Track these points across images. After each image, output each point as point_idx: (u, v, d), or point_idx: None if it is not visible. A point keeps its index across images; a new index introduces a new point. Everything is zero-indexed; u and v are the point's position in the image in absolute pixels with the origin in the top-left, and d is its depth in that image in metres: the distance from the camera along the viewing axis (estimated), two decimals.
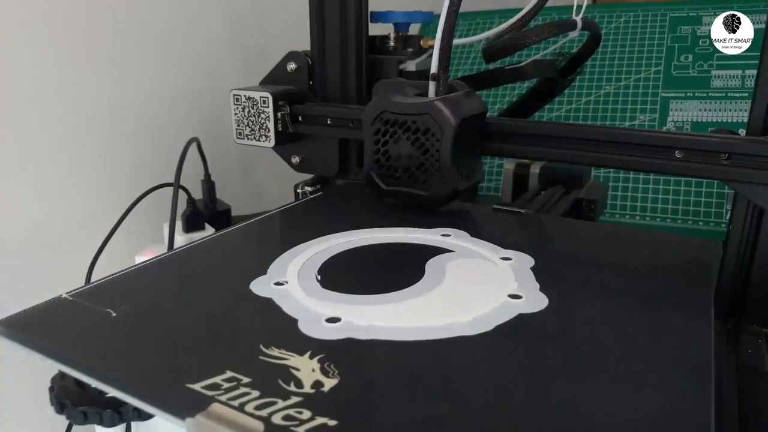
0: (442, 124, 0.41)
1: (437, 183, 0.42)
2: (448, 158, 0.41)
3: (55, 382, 0.34)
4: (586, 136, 0.43)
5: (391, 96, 0.44)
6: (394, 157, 0.44)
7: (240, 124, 0.55)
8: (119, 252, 0.53)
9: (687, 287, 0.33)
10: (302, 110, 0.54)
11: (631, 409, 0.22)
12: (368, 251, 0.37)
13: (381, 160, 0.44)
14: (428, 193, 0.43)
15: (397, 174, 0.44)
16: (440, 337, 0.27)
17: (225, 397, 0.22)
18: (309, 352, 0.25)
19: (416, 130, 0.42)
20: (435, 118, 0.41)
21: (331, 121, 0.52)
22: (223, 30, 0.74)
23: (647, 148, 0.41)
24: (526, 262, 0.35)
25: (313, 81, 0.55)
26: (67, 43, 0.58)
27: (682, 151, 0.39)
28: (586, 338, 0.27)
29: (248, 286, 0.31)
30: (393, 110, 0.43)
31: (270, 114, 0.53)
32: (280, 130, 0.54)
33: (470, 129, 0.44)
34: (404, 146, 0.43)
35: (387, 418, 0.22)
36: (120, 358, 0.25)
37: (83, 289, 0.31)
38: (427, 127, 0.42)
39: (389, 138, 0.44)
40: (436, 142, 0.42)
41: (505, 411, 0.22)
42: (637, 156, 0.41)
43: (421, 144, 0.42)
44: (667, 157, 0.40)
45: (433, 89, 0.43)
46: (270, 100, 0.52)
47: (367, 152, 0.45)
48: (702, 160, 0.39)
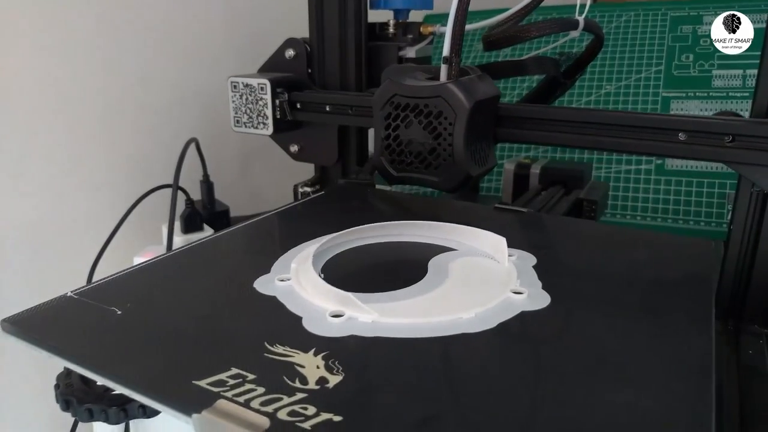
0: (455, 107, 0.40)
1: (450, 168, 0.41)
2: (462, 142, 0.40)
3: (60, 380, 0.34)
4: (589, 120, 0.42)
5: (401, 80, 0.43)
6: (405, 142, 0.42)
7: (238, 111, 0.55)
8: (118, 253, 0.53)
9: (687, 287, 0.33)
10: (300, 97, 0.53)
11: (631, 409, 0.23)
12: (371, 249, 0.37)
13: (391, 145, 0.43)
14: (440, 178, 0.42)
15: (408, 159, 0.43)
16: (443, 335, 0.27)
17: (231, 393, 0.22)
18: (313, 349, 0.25)
19: (429, 113, 0.41)
20: (448, 101, 0.40)
21: (330, 108, 0.52)
22: (222, 29, 0.74)
23: (651, 130, 0.40)
24: (528, 260, 0.35)
25: (311, 68, 0.55)
26: (67, 43, 0.58)
27: (686, 133, 0.39)
28: (588, 337, 0.28)
29: (252, 284, 0.32)
30: (404, 93, 0.42)
31: (268, 101, 0.53)
32: (279, 118, 0.53)
33: (484, 113, 0.42)
34: (416, 131, 0.42)
35: (391, 414, 0.22)
36: (126, 355, 0.25)
37: (88, 287, 0.31)
38: (440, 110, 0.41)
39: (400, 122, 0.42)
40: (449, 125, 0.40)
41: (507, 409, 0.23)
42: (640, 139, 0.40)
43: (433, 128, 0.41)
44: (670, 139, 0.40)
45: (445, 72, 0.42)
46: (268, 86, 0.52)
47: (377, 138, 0.44)
48: (706, 143, 0.39)
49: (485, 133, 0.44)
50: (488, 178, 0.81)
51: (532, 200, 0.54)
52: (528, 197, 0.56)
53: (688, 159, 0.44)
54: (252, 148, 0.79)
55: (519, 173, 0.60)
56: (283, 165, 0.58)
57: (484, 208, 0.46)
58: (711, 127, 0.38)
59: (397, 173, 0.44)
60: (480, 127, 0.42)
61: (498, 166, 0.79)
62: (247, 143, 0.78)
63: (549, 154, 0.78)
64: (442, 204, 0.49)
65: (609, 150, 0.46)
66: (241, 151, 0.79)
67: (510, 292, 0.30)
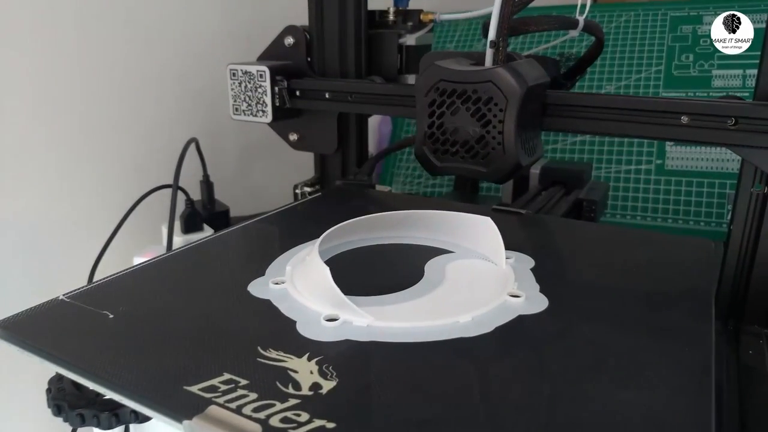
0: (506, 93, 0.38)
1: (499, 158, 0.39)
2: (512, 130, 0.38)
3: (52, 384, 0.34)
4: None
5: (447, 65, 0.41)
6: (450, 131, 0.41)
7: (237, 99, 0.54)
8: (118, 253, 0.53)
9: (687, 288, 0.33)
10: (300, 84, 0.53)
11: (631, 410, 0.22)
12: (368, 252, 0.37)
13: (435, 134, 0.41)
14: (488, 169, 0.40)
15: (453, 149, 0.41)
16: (440, 339, 0.26)
17: (223, 399, 0.22)
18: (307, 354, 0.25)
19: (477, 99, 0.39)
20: (499, 86, 0.38)
21: (329, 95, 0.51)
22: (222, 28, 0.74)
23: (653, 113, 0.39)
24: (526, 262, 0.34)
25: (311, 57, 0.54)
26: (67, 42, 0.58)
27: (689, 116, 0.38)
28: (586, 339, 0.27)
29: (246, 288, 0.31)
30: (451, 79, 0.40)
31: (267, 88, 0.52)
32: (278, 105, 0.53)
33: (534, 99, 0.40)
34: (463, 118, 0.40)
35: (385, 420, 0.22)
36: (117, 360, 0.25)
37: (81, 290, 0.31)
38: (489, 96, 0.39)
39: (446, 110, 0.40)
40: (499, 112, 0.39)
41: (505, 413, 0.22)
42: (642, 122, 0.39)
43: (482, 115, 0.39)
44: (673, 122, 0.39)
45: (491, 57, 0.40)
46: (267, 73, 0.52)
47: (420, 126, 0.42)
48: (708, 125, 0.38)
49: (534, 121, 0.42)
50: None
51: (531, 200, 0.54)
52: (528, 197, 0.55)
53: (691, 142, 0.43)
54: (252, 148, 0.79)
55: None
56: (283, 165, 0.58)
57: (482, 210, 0.46)
58: (714, 110, 0.38)
59: (441, 163, 0.42)
60: (531, 114, 0.40)
61: None
62: (248, 143, 0.78)
63: (549, 155, 0.77)
64: (441, 204, 0.49)
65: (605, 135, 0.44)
66: (241, 152, 0.78)
67: (507, 296, 0.30)
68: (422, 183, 0.83)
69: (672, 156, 0.70)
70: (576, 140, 0.76)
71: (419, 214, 0.38)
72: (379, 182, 0.75)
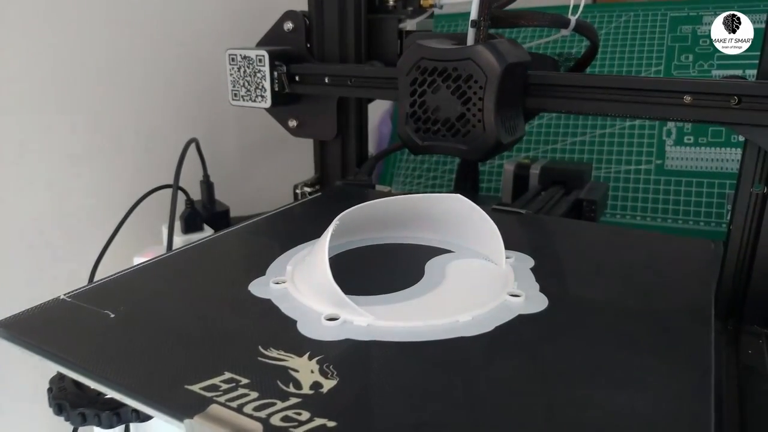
0: (486, 70, 0.38)
1: (479, 136, 0.39)
2: (492, 107, 0.38)
3: (53, 384, 0.34)
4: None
5: (428, 43, 0.41)
6: (432, 109, 0.41)
7: (236, 84, 0.54)
8: (118, 253, 0.53)
9: (687, 288, 0.33)
10: (299, 69, 0.52)
11: (631, 410, 0.22)
12: (368, 252, 0.37)
13: (417, 113, 0.41)
14: (469, 147, 0.40)
15: (435, 127, 0.41)
16: (440, 338, 0.27)
17: (224, 398, 0.22)
18: (308, 353, 0.25)
19: (457, 77, 0.39)
20: (478, 64, 0.38)
21: (329, 80, 0.51)
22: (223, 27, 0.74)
23: (655, 93, 0.39)
24: (526, 262, 0.35)
25: (310, 42, 0.54)
26: (67, 42, 0.58)
27: (692, 95, 0.38)
28: (586, 339, 0.27)
29: (247, 287, 0.31)
30: (432, 57, 0.40)
31: (266, 73, 0.52)
32: (277, 90, 0.52)
33: (515, 78, 0.40)
34: (444, 96, 0.40)
35: (386, 419, 0.22)
36: (118, 359, 0.25)
37: (82, 290, 0.31)
38: (469, 73, 0.39)
39: (427, 88, 0.40)
40: (479, 89, 0.39)
41: (505, 413, 0.22)
42: (645, 102, 0.39)
43: (462, 92, 0.39)
44: (676, 101, 0.38)
45: (473, 36, 0.40)
46: (266, 58, 0.51)
47: (402, 105, 0.42)
48: (711, 104, 0.38)
49: (515, 101, 0.42)
50: (488, 178, 0.81)
51: (531, 200, 0.54)
52: (528, 197, 0.55)
53: (694, 122, 0.42)
54: (252, 149, 0.79)
55: (519, 173, 0.60)
56: (283, 165, 0.58)
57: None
58: (717, 88, 0.37)
59: (422, 142, 0.42)
60: (510, 92, 0.40)
61: (498, 166, 0.79)
62: (248, 143, 0.78)
63: (549, 155, 0.77)
64: None
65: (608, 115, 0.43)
66: (242, 152, 0.78)
67: (507, 295, 0.30)
68: (422, 183, 0.83)
69: (672, 156, 0.70)
70: (576, 140, 0.77)
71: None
72: (379, 182, 0.75)
